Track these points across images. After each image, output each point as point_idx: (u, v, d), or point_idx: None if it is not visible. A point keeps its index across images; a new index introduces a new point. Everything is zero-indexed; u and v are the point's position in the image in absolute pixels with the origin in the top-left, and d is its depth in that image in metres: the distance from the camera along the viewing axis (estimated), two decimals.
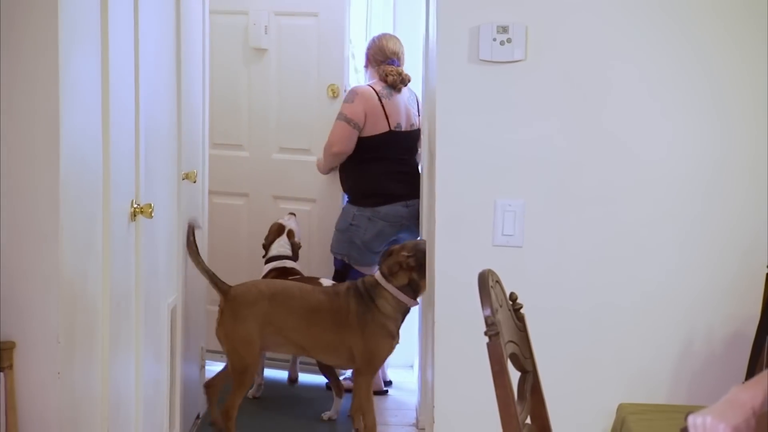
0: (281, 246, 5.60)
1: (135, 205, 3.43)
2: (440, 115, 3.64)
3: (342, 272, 5.67)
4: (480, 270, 2.55)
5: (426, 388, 4.24)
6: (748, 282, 3.57)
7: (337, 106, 5.62)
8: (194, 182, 4.60)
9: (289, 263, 5.55)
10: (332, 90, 5.70)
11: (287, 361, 5.85)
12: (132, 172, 3.44)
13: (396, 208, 5.55)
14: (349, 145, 5.51)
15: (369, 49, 5.68)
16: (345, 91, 5.63)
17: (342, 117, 5.50)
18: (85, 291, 2.95)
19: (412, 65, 5.74)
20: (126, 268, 3.39)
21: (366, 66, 5.71)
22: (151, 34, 3.68)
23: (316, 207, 5.90)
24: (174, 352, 4.22)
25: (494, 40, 3.55)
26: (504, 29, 3.55)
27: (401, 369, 6.18)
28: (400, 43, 5.71)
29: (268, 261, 5.59)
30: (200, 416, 5.14)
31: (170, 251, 4.17)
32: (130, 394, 3.50)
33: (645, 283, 3.64)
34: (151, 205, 3.47)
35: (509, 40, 3.55)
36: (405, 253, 4.75)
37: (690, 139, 3.61)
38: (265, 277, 5.46)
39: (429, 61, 3.96)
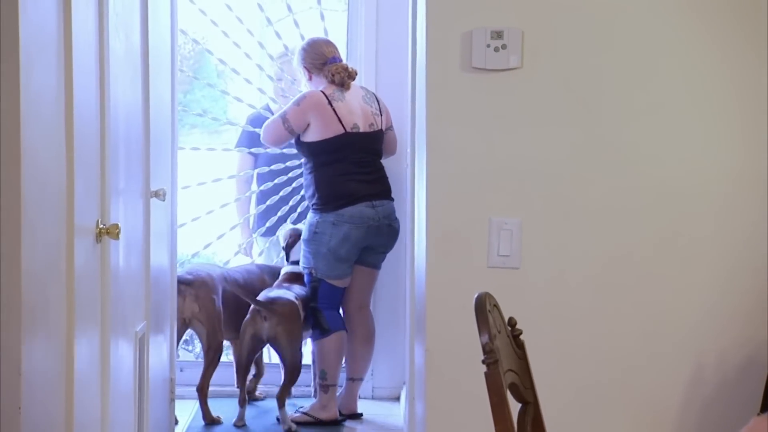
0: (299, 252, 5.75)
1: (101, 226, 3.30)
2: (430, 126, 3.52)
3: (311, 286, 5.59)
4: (475, 293, 2.46)
5: (415, 421, 4.09)
6: (761, 303, 3.46)
7: None
8: (163, 200, 4.43)
9: (298, 268, 5.71)
10: None
11: None
12: (97, 191, 3.32)
13: (360, 209, 5.46)
14: (276, 142, 5.65)
15: (304, 59, 5.60)
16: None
17: (282, 114, 5.53)
18: (47, 318, 2.80)
19: (397, 71, 5.59)
20: (91, 293, 3.25)
21: (309, 78, 5.61)
22: (118, 43, 3.55)
23: None
24: (142, 384, 4.07)
25: (488, 46, 3.45)
26: (498, 34, 3.45)
27: (386, 402, 6.06)
28: (333, 44, 5.68)
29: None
30: None
31: (138, 275, 4.02)
32: (96, 429, 3.35)
33: (651, 305, 3.52)
34: (117, 225, 3.34)
35: (504, 47, 3.45)
36: None
37: (698, 153, 3.51)
38: (283, 278, 5.68)
39: (416, 68, 3.87)
